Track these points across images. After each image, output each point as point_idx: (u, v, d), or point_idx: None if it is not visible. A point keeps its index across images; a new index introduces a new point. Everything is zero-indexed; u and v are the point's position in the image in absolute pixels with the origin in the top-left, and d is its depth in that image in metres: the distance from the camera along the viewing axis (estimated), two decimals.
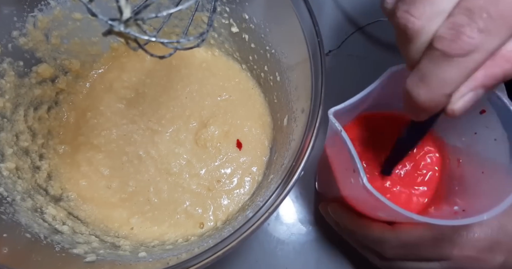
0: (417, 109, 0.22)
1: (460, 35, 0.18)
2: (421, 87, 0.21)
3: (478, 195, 0.28)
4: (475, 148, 0.30)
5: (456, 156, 0.32)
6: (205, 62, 0.45)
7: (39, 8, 0.35)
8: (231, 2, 0.37)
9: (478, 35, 0.18)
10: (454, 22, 0.19)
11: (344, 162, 0.28)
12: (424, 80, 0.20)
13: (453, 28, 0.19)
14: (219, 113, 0.43)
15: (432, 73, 0.20)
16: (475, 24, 0.18)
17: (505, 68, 0.19)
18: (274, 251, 0.43)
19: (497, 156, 0.27)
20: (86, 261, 0.30)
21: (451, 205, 0.30)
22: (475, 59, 0.19)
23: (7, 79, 0.35)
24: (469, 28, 0.18)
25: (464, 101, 0.20)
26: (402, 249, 0.32)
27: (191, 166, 0.41)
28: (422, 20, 0.19)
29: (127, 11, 0.19)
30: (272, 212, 0.25)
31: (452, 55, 0.19)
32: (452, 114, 0.21)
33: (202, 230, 0.39)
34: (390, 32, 0.51)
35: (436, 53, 0.19)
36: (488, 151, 0.28)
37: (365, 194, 0.25)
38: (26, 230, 0.30)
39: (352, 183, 0.27)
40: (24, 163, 0.36)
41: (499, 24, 0.18)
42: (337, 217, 0.37)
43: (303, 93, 0.31)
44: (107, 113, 0.43)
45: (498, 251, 0.30)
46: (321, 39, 0.29)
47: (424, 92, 0.20)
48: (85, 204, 0.39)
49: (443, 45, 0.19)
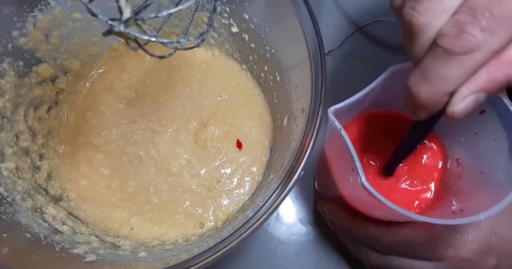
0: (417, 107, 0.22)
1: (462, 33, 0.18)
2: (422, 84, 0.21)
3: (477, 195, 0.28)
4: (475, 148, 0.30)
5: (456, 156, 0.33)
6: (205, 62, 0.45)
7: (39, 8, 0.35)
8: (231, 2, 0.37)
9: (481, 34, 0.18)
10: (458, 20, 0.19)
11: (343, 160, 0.28)
12: (425, 77, 0.21)
13: (456, 26, 0.19)
14: (219, 113, 0.43)
15: (434, 70, 0.20)
16: (478, 23, 0.18)
17: (508, 73, 0.19)
18: (274, 251, 0.43)
19: (496, 156, 0.27)
20: (86, 261, 0.30)
21: (449, 205, 0.30)
22: (477, 58, 0.19)
23: (7, 79, 0.35)
24: (471, 27, 0.18)
25: (464, 104, 0.20)
26: (396, 246, 0.32)
27: (191, 166, 0.41)
28: (427, 16, 0.20)
29: (127, 11, 0.19)
30: (272, 212, 0.25)
31: (454, 52, 0.19)
32: (452, 116, 0.21)
33: (202, 230, 0.39)
34: (390, 32, 0.51)
35: (439, 50, 0.19)
36: (487, 151, 0.29)
37: (363, 192, 0.25)
38: (26, 230, 0.30)
39: (350, 181, 0.27)
40: (24, 163, 0.36)
41: (502, 24, 0.18)
42: (332, 215, 0.37)
43: (303, 93, 0.31)
44: (107, 113, 0.43)
45: (491, 254, 0.30)
46: (321, 39, 0.29)
47: (425, 89, 0.21)
48: (85, 204, 0.39)
49: (446, 42, 0.19)
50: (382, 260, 0.34)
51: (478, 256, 0.30)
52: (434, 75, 0.20)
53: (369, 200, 0.25)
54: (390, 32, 0.51)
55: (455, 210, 0.28)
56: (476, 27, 0.18)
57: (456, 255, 0.30)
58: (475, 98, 0.20)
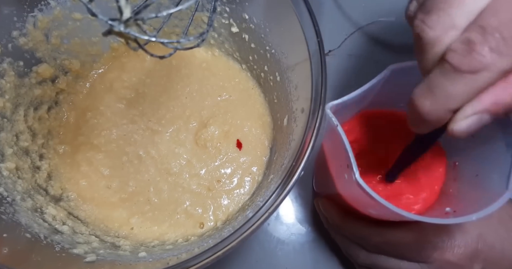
0: (419, 121, 0.22)
1: (471, 52, 0.18)
2: (427, 98, 0.20)
3: (471, 197, 0.28)
4: (472, 151, 0.30)
5: (453, 159, 0.32)
6: (205, 62, 0.45)
7: (39, 8, 0.35)
8: (231, 2, 0.37)
9: (490, 54, 0.18)
10: (468, 38, 0.19)
11: (339, 158, 0.28)
12: (431, 91, 0.20)
13: (465, 43, 0.19)
14: (219, 113, 0.43)
15: (440, 85, 0.20)
16: (487, 43, 0.18)
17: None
18: (274, 251, 0.43)
19: (492, 158, 0.27)
20: (86, 261, 0.30)
21: (443, 207, 0.30)
22: (484, 78, 0.19)
23: (7, 79, 0.35)
24: (481, 46, 0.18)
25: (466, 123, 0.20)
26: (384, 245, 0.32)
27: (191, 166, 0.41)
28: (437, 31, 0.19)
29: (127, 11, 0.19)
30: (272, 212, 0.25)
31: (461, 70, 0.19)
32: (452, 134, 0.21)
33: (202, 230, 0.39)
34: (390, 32, 0.51)
35: (447, 66, 0.19)
36: (483, 154, 0.28)
37: (357, 189, 0.25)
38: (26, 230, 0.30)
39: (345, 178, 0.27)
40: (24, 163, 0.36)
41: (511, 45, 0.18)
42: (326, 212, 0.38)
43: (303, 93, 0.31)
44: (107, 113, 0.43)
45: (477, 260, 0.31)
46: (321, 39, 0.29)
47: (429, 103, 0.20)
48: (85, 204, 0.39)
49: (454, 59, 0.19)
50: (370, 259, 0.34)
51: (464, 260, 0.31)
52: (440, 90, 0.20)
53: (362, 197, 0.25)
54: (390, 32, 0.51)
55: (448, 211, 0.28)
56: (486, 47, 0.18)
57: (442, 257, 0.30)
58: (478, 119, 0.20)
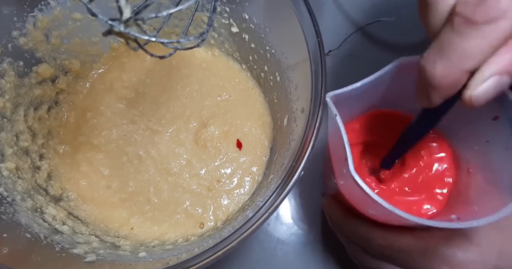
0: (431, 89, 0.19)
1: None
2: (438, 61, 0.18)
3: (480, 204, 0.27)
4: (486, 157, 0.28)
5: (467, 166, 0.30)
6: (205, 62, 0.45)
7: (39, 8, 0.35)
8: (231, 2, 0.37)
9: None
10: None
11: (340, 151, 0.26)
12: (442, 52, 0.18)
13: None
14: (219, 113, 0.43)
15: (452, 44, 0.18)
16: None
17: None
18: (274, 251, 0.43)
19: (505, 165, 0.25)
20: (86, 261, 0.30)
21: (449, 213, 0.28)
22: (501, 27, 0.16)
23: (7, 79, 0.35)
24: None
25: (484, 88, 0.18)
26: (388, 250, 0.30)
27: (191, 166, 0.41)
28: None
29: (127, 11, 0.19)
30: (272, 212, 0.25)
31: (476, 21, 0.17)
32: (469, 101, 0.19)
33: (202, 230, 0.39)
34: (390, 32, 0.51)
35: (458, 20, 0.17)
36: (497, 160, 0.27)
37: (353, 185, 0.23)
38: (26, 230, 0.30)
39: (344, 173, 0.25)
40: (24, 163, 0.36)
41: None
42: (330, 210, 0.36)
43: (303, 93, 0.31)
44: (107, 113, 0.43)
45: None
46: (321, 39, 0.29)
47: (442, 66, 0.18)
48: (85, 204, 0.39)
49: (466, 10, 0.17)
50: (375, 264, 0.32)
51: None
52: (453, 49, 0.18)
53: (359, 194, 0.24)
54: (390, 32, 0.51)
55: (453, 218, 0.27)
56: None
57: None
58: (498, 81, 0.18)
